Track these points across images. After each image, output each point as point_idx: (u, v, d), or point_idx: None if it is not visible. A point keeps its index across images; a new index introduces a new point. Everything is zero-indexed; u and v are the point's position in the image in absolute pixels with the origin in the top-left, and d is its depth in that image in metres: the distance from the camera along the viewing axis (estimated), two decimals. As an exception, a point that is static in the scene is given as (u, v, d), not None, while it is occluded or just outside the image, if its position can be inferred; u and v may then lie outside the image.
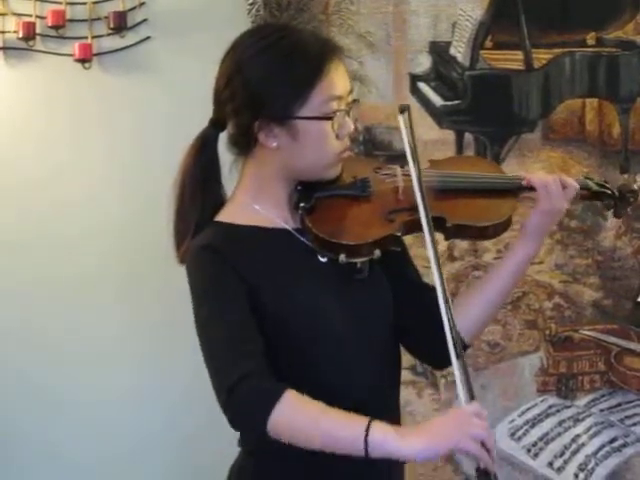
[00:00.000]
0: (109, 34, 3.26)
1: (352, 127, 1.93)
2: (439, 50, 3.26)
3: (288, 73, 1.87)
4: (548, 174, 2.06)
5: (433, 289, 1.93)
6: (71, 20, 3.25)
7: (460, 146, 3.24)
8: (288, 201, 1.95)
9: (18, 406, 3.28)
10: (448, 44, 3.25)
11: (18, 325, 3.26)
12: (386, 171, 2.03)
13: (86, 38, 3.25)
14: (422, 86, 3.26)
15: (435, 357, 2.00)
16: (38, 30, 3.23)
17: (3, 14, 3.23)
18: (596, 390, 3.25)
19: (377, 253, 1.91)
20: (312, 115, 1.87)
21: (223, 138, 1.98)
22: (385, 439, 1.73)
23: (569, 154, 3.25)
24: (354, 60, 3.21)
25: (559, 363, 3.24)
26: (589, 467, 3.16)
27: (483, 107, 3.24)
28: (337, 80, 1.90)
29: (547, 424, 3.22)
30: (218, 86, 1.94)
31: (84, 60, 3.23)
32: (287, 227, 1.94)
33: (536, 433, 3.21)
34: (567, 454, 3.18)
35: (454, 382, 3.15)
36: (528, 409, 3.24)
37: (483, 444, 1.71)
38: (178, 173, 1.98)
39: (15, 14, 3.24)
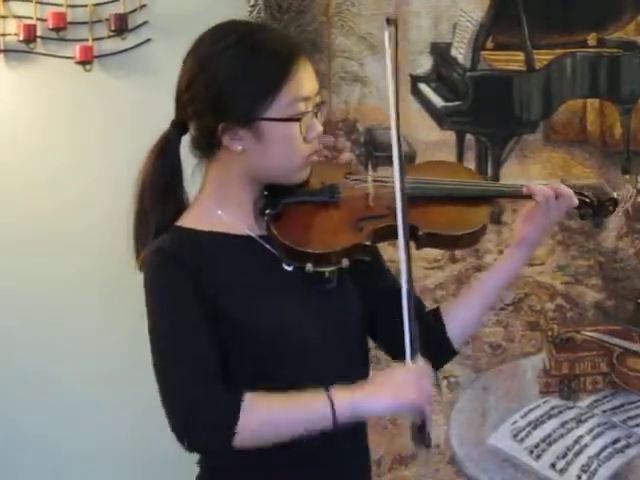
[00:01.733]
0: (110, 36, 3.27)
1: (320, 129, 1.87)
2: (440, 51, 3.26)
3: (253, 73, 1.81)
4: (545, 186, 1.98)
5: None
6: (72, 22, 3.25)
7: (461, 147, 3.23)
8: (254, 207, 1.88)
9: (18, 405, 3.29)
10: (449, 45, 3.25)
11: (18, 325, 3.27)
12: (357, 177, 1.97)
13: (87, 40, 3.26)
14: (423, 87, 3.25)
15: None
16: (39, 32, 3.24)
17: (4, 17, 3.23)
18: (599, 391, 3.24)
19: (345, 262, 1.84)
20: (278, 117, 1.80)
21: (187, 140, 1.92)
22: (352, 404, 1.74)
23: (570, 155, 3.24)
24: (355, 61, 3.21)
25: (561, 364, 3.23)
26: (592, 468, 3.16)
27: (484, 108, 3.24)
28: (304, 80, 1.83)
29: (549, 425, 3.21)
30: (180, 87, 1.88)
31: (85, 62, 3.24)
32: (252, 234, 1.88)
33: (538, 434, 3.20)
34: (570, 455, 3.18)
35: (457, 383, 3.19)
36: (530, 410, 3.23)
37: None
38: (138, 176, 1.93)
39: (16, 16, 3.24)
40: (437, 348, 1.96)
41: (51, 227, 3.27)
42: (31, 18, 3.24)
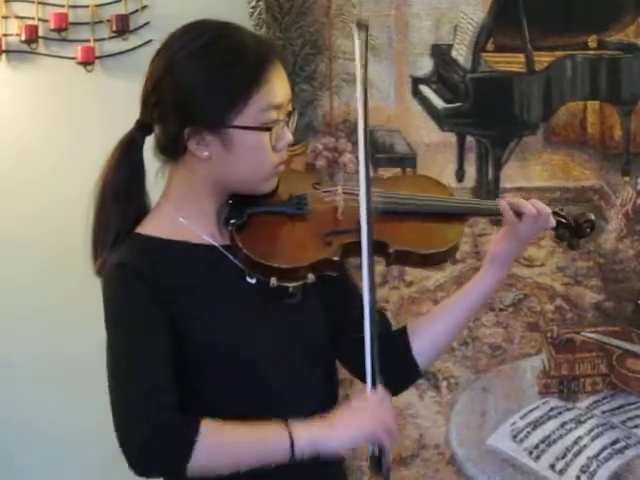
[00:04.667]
0: (111, 37, 3.28)
1: (290, 139, 1.79)
2: (441, 53, 3.26)
3: (225, 77, 1.73)
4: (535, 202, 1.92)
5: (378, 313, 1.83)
6: (73, 23, 3.26)
7: (462, 149, 3.24)
8: (217, 216, 1.81)
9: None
10: (450, 47, 3.25)
11: (21, 327, 3.29)
12: (326, 188, 1.89)
13: (88, 41, 3.26)
14: (424, 89, 3.26)
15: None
16: (40, 33, 3.24)
17: (5, 17, 3.24)
18: (598, 392, 3.25)
19: (311, 277, 1.77)
20: (249, 124, 1.73)
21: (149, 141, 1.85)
22: (311, 440, 1.69)
23: (570, 157, 3.25)
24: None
25: (561, 365, 3.24)
26: (591, 469, 3.16)
27: (485, 110, 3.25)
28: (277, 87, 1.76)
29: (549, 426, 3.22)
30: (146, 87, 1.80)
31: (86, 63, 3.25)
32: (214, 243, 1.80)
33: (538, 435, 3.21)
34: (569, 456, 3.18)
35: (457, 383, 3.20)
36: (530, 411, 3.24)
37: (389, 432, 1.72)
38: (100, 177, 1.85)
39: (17, 17, 3.25)
40: (401, 370, 1.89)
41: (50, 226, 3.28)
42: (33, 19, 3.24)
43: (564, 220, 1.97)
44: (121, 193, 1.83)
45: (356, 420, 1.71)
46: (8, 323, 3.30)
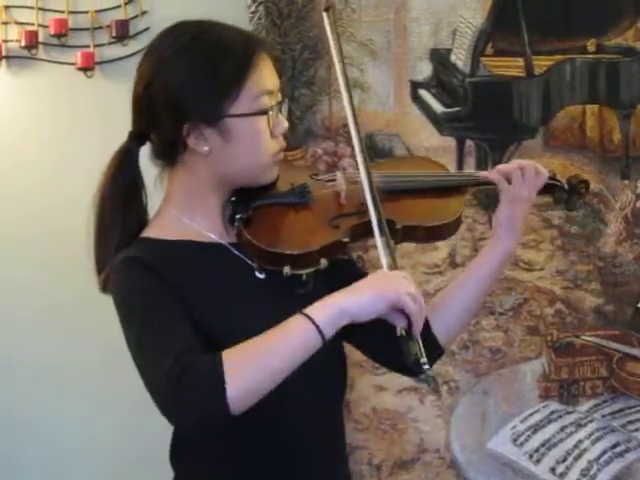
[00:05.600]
0: (111, 43, 3.28)
1: (286, 125, 1.81)
2: (440, 57, 3.27)
3: (214, 69, 1.74)
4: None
5: None
6: (73, 29, 3.27)
7: (461, 153, 3.24)
8: (222, 214, 1.82)
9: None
10: (449, 51, 3.26)
11: (24, 327, 3.30)
12: (325, 176, 1.93)
13: (88, 47, 3.27)
14: (423, 93, 3.27)
15: (396, 363, 1.80)
16: (40, 39, 3.25)
17: (5, 23, 3.25)
18: (598, 396, 3.25)
19: (324, 262, 1.78)
20: (244, 112, 1.75)
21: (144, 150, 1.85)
22: (328, 309, 1.65)
23: (570, 160, 3.25)
24: (355, 68, 3.22)
25: (561, 369, 3.24)
26: (591, 473, 3.16)
27: (484, 114, 3.25)
28: (266, 74, 1.78)
29: (549, 430, 3.22)
30: (136, 94, 1.82)
31: (86, 68, 3.25)
32: (222, 242, 1.81)
33: (538, 439, 3.21)
34: (569, 460, 3.18)
35: (457, 387, 3.20)
36: (530, 415, 3.24)
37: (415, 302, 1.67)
38: (97, 190, 1.86)
39: (17, 23, 3.26)
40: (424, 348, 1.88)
41: (50, 228, 3.28)
42: (33, 24, 3.25)
43: (559, 183, 2.03)
44: (120, 204, 1.83)
45: (377, 283, 1.68)
46: (8, 323, 3.31)
